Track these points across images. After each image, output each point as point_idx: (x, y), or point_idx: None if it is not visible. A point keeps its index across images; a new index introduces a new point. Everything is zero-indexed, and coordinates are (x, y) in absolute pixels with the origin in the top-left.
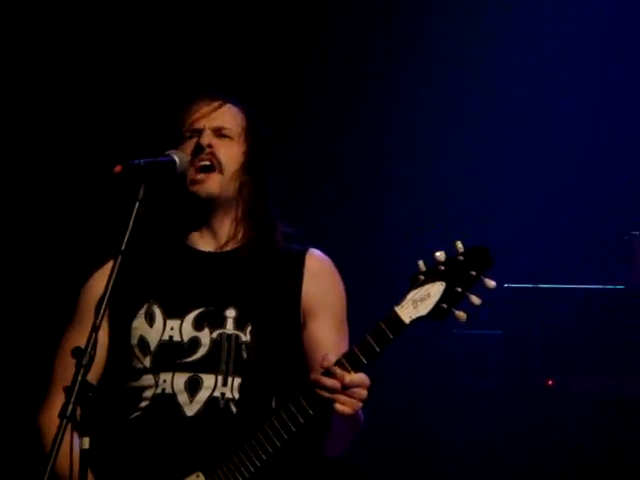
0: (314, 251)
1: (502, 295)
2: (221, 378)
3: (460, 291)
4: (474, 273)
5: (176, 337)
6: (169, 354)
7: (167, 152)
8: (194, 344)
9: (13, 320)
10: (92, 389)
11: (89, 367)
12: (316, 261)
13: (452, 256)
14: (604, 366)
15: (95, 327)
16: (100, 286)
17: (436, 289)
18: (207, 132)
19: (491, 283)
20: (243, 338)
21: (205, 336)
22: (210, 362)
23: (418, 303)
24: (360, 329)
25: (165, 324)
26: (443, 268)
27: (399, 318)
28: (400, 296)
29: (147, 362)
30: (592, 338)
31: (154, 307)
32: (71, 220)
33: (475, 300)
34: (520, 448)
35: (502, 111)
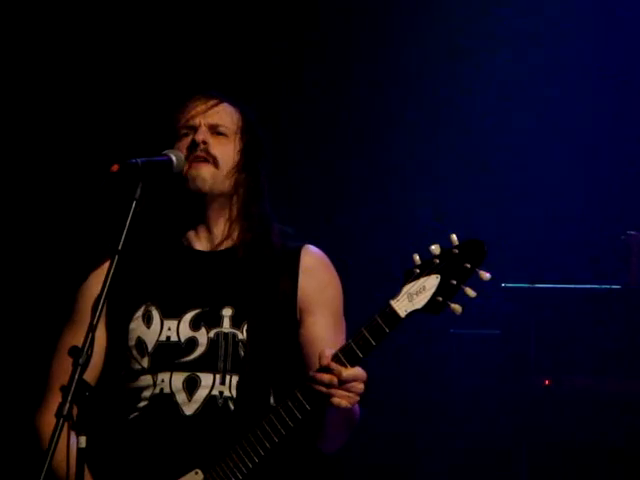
0: (309, 247)
1: (500, 295)
2: (219, 376)
3: (455, 284)
4: (469, 265)
5: (173, 337)
6: (167, 354)
7: (164, 151)
8: (191, 344)
9: (10, 320)
10: (89, 388)
11: (86, 366)
12: (311, 257)
13: (447, 249)
14: (601, 366)
15: (92, 327)
16: (97, 286)
17: (431, 282)
18: (203, 129)
19: (486, 275)
20: (240, 336)
21: (202, 335)
22: (208, 361)
23: (414, 296)
24: (356, 323)
25: (162, 325)
26: (438, 261)
27: (395, 312)
28: (396, 290)
29: (145, 363)
30: (589, 338)
31: (151, 308)
32: (68, 219)
33: (470, 293)
34: (517, 448)
35: (500, 110)
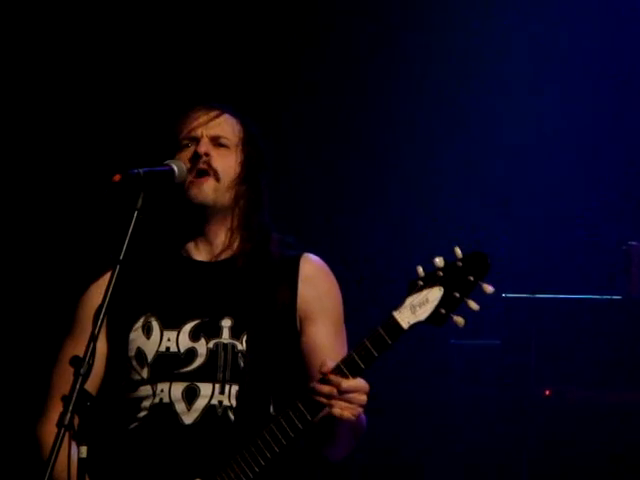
0: (308, 255)
1: (500, 305)
2: (218, 386)
3: (458, 296)
4: (472, 278)
5: (173, 348)
6: (166, 365)
7: (166, 162)
8: (191, 354)
9: (11, 330)
10: (90, 398)
11: (87, 376)
12: (310, 265)
13: (451, 262)
14: (601, 377)
15: (94, 337)
16: (98, 297)
17: (434, 294)
18: (204, 140)
19: (489, 288)
20: (239, 347)
21: (201, 346)
22: (207, 371)
23: (416, 308)
24: (359, 334)
25: (162, 335)
26: (442, 274)
27: (397, 323)
28: (399, 301)
29: (145, 373)
30: (589, 349)
31: (151, 319)
32: (70, 230)
33: (473, 305)
34: (517, 458)
35: (500, 118)
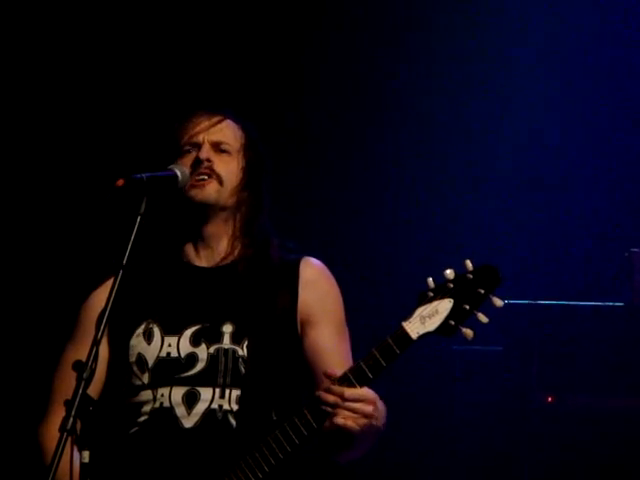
0: (308, 259)
1: (502, 311)
2: (219, 391)
3: (468, 309)
4: (482, 291)
5: (174, 353)
6: (167, 370)
7: (169, 166)
8: (191, 359)
9: (13, 334)
10: (92, 403)
11: (90, 381)
12: (311, 268)
13: (461, 274)
14: (603, 383)
15: (96, 341)
16: (100, 302)
17: (444, 306)
18: (206, 146)
19: (499, 302)
20: (240, 352)
21: (202, 351)
22: (207, 376)
23: (426, 319)
24: (368, 344)
25: (163, 341)
26: (452, 285)
27: (406, 333)
28: (408, 312)
29: (145, 379)
30: (592, 355)
31: (152, 325)
32: (73, 234)
33: (482, 318)
34: (519, 465)
35: (505, 126)
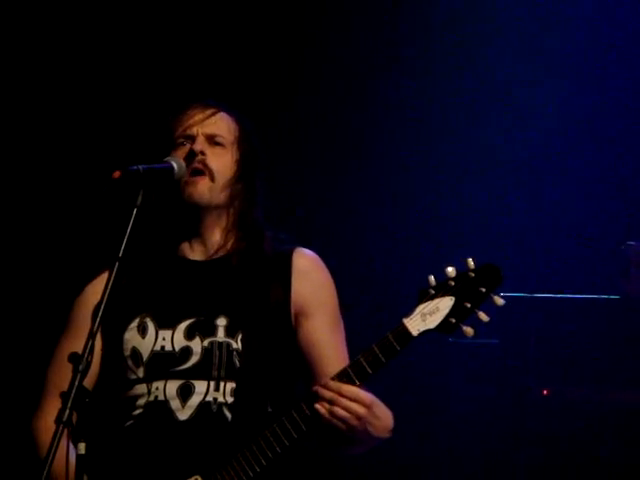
0: (301, 249)
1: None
2: (213, 384)
3: (469, 307)
4: (484, 290)
5: (168, 347)
6: (161, 363)
7: (166, 159)
8: (186, 353)
9: (8, 327)
10: (88, 395)
11: (85, 373)
12: (304, 259)
13: (462, 272)
14: (599, 376)
15: (92, 334)
16: (94, 295)
17: (445, 303)
18: (200, 139)
19: (500, 301)
20: (234, 346)
21: (196, 345)
22: (202, 369)
23: (427, 316)
24: (368, 340)
25: (157, 335)
26: (453, 283)
27: (407, 330)
28: (409, 309)
29: (140, 373)
30: (588, 348)
31: (146, 319)
32: (68, 227)
33: (483, 317)
34: (515, 458)
35: (500, 120)
